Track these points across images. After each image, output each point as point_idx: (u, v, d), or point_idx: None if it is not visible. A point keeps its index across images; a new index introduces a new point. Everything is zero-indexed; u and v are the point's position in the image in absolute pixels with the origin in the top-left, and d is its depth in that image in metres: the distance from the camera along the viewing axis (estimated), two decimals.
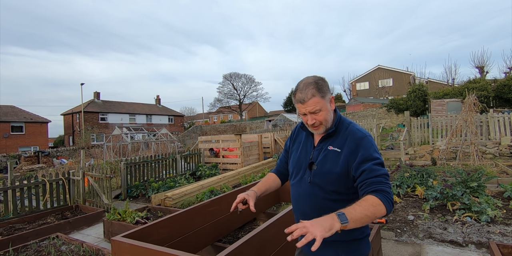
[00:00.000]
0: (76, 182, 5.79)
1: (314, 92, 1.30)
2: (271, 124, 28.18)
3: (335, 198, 1.33)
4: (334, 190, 1.33)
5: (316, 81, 1.33)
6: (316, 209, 1.36)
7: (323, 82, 1.34)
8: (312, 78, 1.35)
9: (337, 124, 1.38)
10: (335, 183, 1.32)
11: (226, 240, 3.49)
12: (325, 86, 1.35)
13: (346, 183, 1.31)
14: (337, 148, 1.33)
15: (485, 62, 23.27)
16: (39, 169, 14.26)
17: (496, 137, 9.61)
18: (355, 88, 39.84)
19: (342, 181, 1.31)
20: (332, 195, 1.34)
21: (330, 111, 1.35)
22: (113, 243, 1.90)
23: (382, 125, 20.06)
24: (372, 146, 1.30)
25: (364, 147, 1.28)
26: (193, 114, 63.90)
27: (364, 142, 1.29)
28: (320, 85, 1.32)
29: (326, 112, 1.34)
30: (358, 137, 1.31)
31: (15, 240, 3.71)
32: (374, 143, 1.32)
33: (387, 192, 1.17)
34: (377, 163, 1.24)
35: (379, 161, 1.26)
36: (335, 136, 1.37)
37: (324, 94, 1.32)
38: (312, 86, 1.31)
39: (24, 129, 28.18)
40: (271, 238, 2.22)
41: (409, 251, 3.10)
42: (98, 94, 36.50)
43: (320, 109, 1.32)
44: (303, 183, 1.41)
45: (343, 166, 1.30)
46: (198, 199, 5.33)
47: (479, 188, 4.31)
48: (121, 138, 16.20)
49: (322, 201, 1.35)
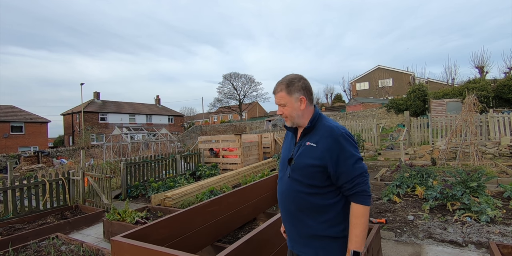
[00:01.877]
0: (76, 182, 5.79)
1: (282, 87, 1.46)
2: (271, 124, 28.16)
3: (312, 191, 1.39)
4: (310, 183, 1.38)
5: (291, 79, 1.46)
6: (295, 204, 1.43)
7: (297, 82, 1.45)
8: (292, 76, 1.48)
9: (313, 121, 1.45)
10: (311, 177, 1.38)
11: (226, 240, 3.49)
12: (298, 86, 1.44)
13: (322, 177, 1.37)
14: (313, 143, 1.39)
15: (485, 62, 23.27)
16: (39, 169, 14.25)
17: (496, 137, 9.61)
18: (355, 88, 39.84)
19: (317, 175, 1.37)
20: (309, 189, 1.39)
21: (296, 109, 1.45)
22: (113, 243, 1.90)
23: (382, 125, 20.06)
24: (349, 142, 1.35)
25: (341, 144, 1.33)
26: (193, 114, 63.89)
27: (340, 139, 1.34)
28: (291, 84, 1.45)
29: (291, 108, 1.46)
30: (335, 134, 1.35)
31: (15, 240, 3.71)
32: (351, 138, 1.37)
33: (364, 191, 1.32)
34: (354, 162, 1.33)
35: (355, 158, 1.33)
36: (312, 132, 1.44)
37: (291, 93, 1.44)
38: (285, 83, 1.46)
39: (24, 129, 28.15)
40: (271, 238, 2.22)
41: (409, 251, 3.10)
42: (98, 94, 36.48)
43: (285, 104, 1.46)
44: (284, 179, 1.49)
45: (319, 161, 1.35)
46: (198, 199, 5.33)
47: (479, 188, 4.31)
48: (121, 138, 16.19)
49: (300, 195, 1.41)
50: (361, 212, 1.30)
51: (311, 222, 1.39)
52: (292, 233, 1.48)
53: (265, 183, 3.93)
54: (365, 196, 1.31)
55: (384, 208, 4.39)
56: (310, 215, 1.39)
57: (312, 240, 1.39)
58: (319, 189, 1.38)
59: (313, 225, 1.38)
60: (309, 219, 1.39)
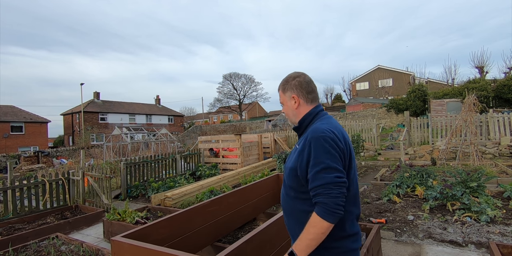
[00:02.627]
0: (75, 182, 5.79)
1: (280, 86, 1.46)
2: (271, 124, 28.18)
3: (293, 195, 1.35)
4: (290, 185, 1.36)
5: (288, 77, 1.43)
6: (285, 205, 1.41)
7: (292, 81, 1.41)
8: (290, 74, 1.45)
9: (303, 121, 1.40)
10: (289, 179, 1.35)
11: (226, 240, 3.49)
12: (291, 84, 1.40)
13: (296, 180, 1.31)
14: (298, 145, 1.36)
15: (485, 62, 23.28)
16: (39, 169, 14.25)
17: (496, 137, 9.61)
18: (355, 88, 39.84)
19: (293, 177, 1.33)
20: (290, 191, 1.37)
21: (290, 107, 1.42)
22: (113, 243, 1.90)
23: (382, 125, 20.06)
24: (322, 147, 1.20)
25: (313, 148, 1.21)
26: (193, 114, 63.89)
27: (314, 142, 1.22)
28: (286, 82, 1.42)
29: (286, 107, 1.44)
30: (310, 136, 1.24)
31: (15, 240, 3.71)
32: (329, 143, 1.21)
33: (324, 203, 1.14)
34: (319, 171, 1.17)
35: (322, 166, 1.17)
36: (302, 133, 1.40)
37: (286, 91, 1.42)
38: (283, 81, 1.44)
39: (24, 129, 28.15)
40: (271, 238, 2.22)
41: (409, 251, 3.10)
42: (98, 94, 36.48)
43: (283, 103, 1.46)
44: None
45: (294, 164, 1.31)
46: (198, 199, 5.33)
47: (479, 188, 4.31)
48: (121, 138, 16.19)
49: (285, 195, 1.40)
50: (313, 221, 1.16)
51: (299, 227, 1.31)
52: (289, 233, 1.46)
53: (265, 183, 3.93)
54: (324, 208, 1.14)
55: (384, 208, 4.39)
56: (297, 219, 1.34)
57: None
58: (299, 194, 1.32)
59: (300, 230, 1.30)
60: (297, 223, 1.33)
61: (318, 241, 1.16)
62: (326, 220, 1.14)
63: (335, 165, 1.18)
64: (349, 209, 1.29)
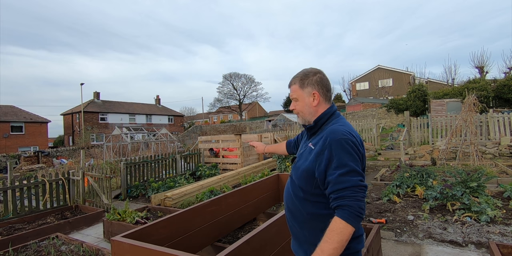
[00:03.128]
0: (76, 182, 5.79)
1: (296, 80, 1.37)
2: (271, 124, 28.19)
3: (303, 196, 1.31)
4: (300, 186, 1.32)
5: (307, 72, 1.37)
6: (292, 206, 1.38)
7: (312, 76, 1.35)
8: (309, 70, 1.39)
9: (319, 120, 1.34)
10: (301, 180, 1.31)
11: (226, 240, 3.49)
12: (312, 80, 1.35)
13: (311, 182, 1.27)
14: (313, 145, 1.30)
15: (484, 62, 23.30)
16: (39, 169, 14.25)
17: (496, 137, 9.61)
18: (355, 88, 39.83)
19: (306, 179, 1.28)
20: (298, 191, 1.33)
21: (307, 104, 1.35)
22: (113, 243, 1.90)
23: (382, 125, 20.06)
24: (345, 149, 1.17)
25: (335, 150, 1.17)
26: (193, 114, 63.89)
27: (336, 145, 1.18)
28: (306, 77, 1.35)
29: (303, 104, 1.37)
30: (332, 138, 1.20)
31: (15, 240, 3.71)
32: (351, 145, 1.19)
33: (350, 206, 1.10)
34: (344, 173, 1.14)
35: (347, 169, 1.15)
36: (317, 133, 1.35)
37: (304, 86, 1.35)
38: (300, 75, 1.37)
39: (24, 129, 28.14)
40: (271, 238, 2.22)
41: (409, 251, 3.10)
42: (98, 94, 36.49)
43: (297, 99, 1.38)
44: (289, 178, 1.47)
45: (310, 165, 1.26)
46: (198, 199, 5.33)
47: (479, 188, 4.31)
48: (121, 138, 16.19)
49: (294, 197, 1.36)
50: (339, 228, 1.09)
51: (304, 228, 1.32)
52: (291, 233, 1.45)
53: (265, 183, 3.94)
54: (349, 211, 1.10)
55: (384, 208, 4.39)
56: (302, 220, 1.32)
57: (307, 245, 1.32)
58: (309, 196, 1.29)
59: (305, 232, 1.31)
60: (301, 224, 1.32)
61: (342, 249, 1.08)
62: (351, 225, 1.09)
63: (358, 169, 1.17)
64: None
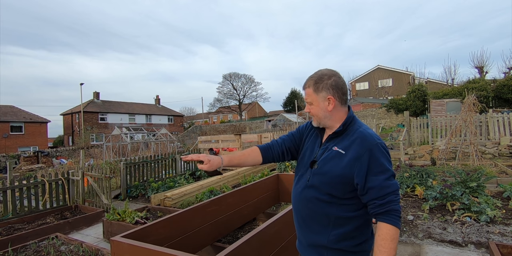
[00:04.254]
0: (75, 182, 5.78)
1: (310, 83, 1.33)
2: (271, 124, 28.20)
3: (328, 200, 1.27)
4: (329, 192, 1.26)
5: (322, 75, 1.32)
6: (308, 210, 1.33)
7: (327, 80, 1.30)
8: (324, 72, 1.34)
9: (346, 124, 1.31)
10: (332, 186, 1.26)
11: (225, 240, 3.49)
12: (327, 84, 1.29)
13: (344, 188, 1.24)
14: (342, 150, 1.26)
15: (484, 62, 23.27)
16: (39, 169, 14.23)
17: (496, 137, 9.62)
18: (354, 88, 39.83)
19: (339, 184, 1.24)
20: (325, 197, 1.28)
21: (322, 109, 1.31)
22: (113, 243, 1.90)
23: (381, 125, 20.07)
24: (383, 154, 1.21)
25: (374, 155, 1.19)
26: (193, 114, 63.89)
27: (375, 150, 1.20)
28: (320, 80, 1.30)
29: (318, 108, 1.32)
30: (368, 143, 1.21)
31: (15, 240, 3.71)
32: (386, 150, 1.23)
33: (396, 211, 1.17)
34: (387, 178, 1.18)
35: (389, 174, 1.19)
36: (341, 136, 1.31)
37: (318, 91, 1.30)
38: (314, 78, 1.32)
39: (24, 129, 28.13)
40: (270, 238, 2.22)
41: (409, 251, 3.10)
42: (98, 94, 36.47)
43: (311, 102, 1.34)
44: (302, 182, 1.37)
45: (345, 170, 1.22)
46: (197, 199, 5.32)
47: (479, 188, 4.31)
48: (121, 138, 16.18)
49: (315, 201, 1.30)
50: (391, 235, 1.12)
51: (322, 233, 1.28)
52: (301, 238, 1.40)
53: (264, 183, 3.93)
54: (397, 216, 1.15)
55: None
56: (323, 225, 1.28)
57: (321, 250, 1.29)
58: (337, 200, 1.26)
59: (324, 236, 1.28)
60: (320, 229, 1.28)
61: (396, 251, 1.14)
62: (398, 228, 1.15)
63: (394, 172, 1.23)
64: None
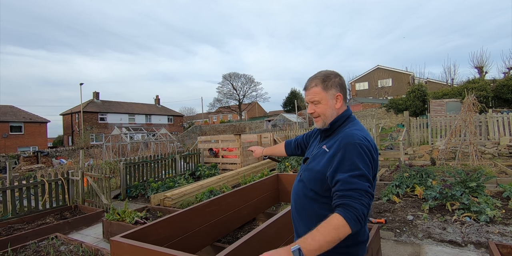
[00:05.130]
0: (75, 182, 5.78)
1: (318, 82, 1.32)
2: (271, 124, 28.22)
3: (312, 196, 1.30)
4: (312, 188, 1.30)
5: (328, 74, 1.33)
6: (297, 204, 1.38)
7: (334, 78, 1.32)
8: (328, 71, 1.36)
9: (334, 123, 1.33)
10: (314, 182, 1.29)
11: (225, 240, 3.49)
12: (335, 82, 1.32)
13: (322, 184, 1.26)
14: (327, 148, 1.29)
15: (484, 62, 23.28)
16: (38, 169, 14.22)
17: (495, 137, 9.62)
18: (354, 88, 39.85)
19: (319, 181, 1.27)
20: (310, 193, 1.31)
21: (331, 107, 1.32)
22: (112, 243, 1.90)
23: (381, 125, 20.07)
24: (359, 154, 1.16)
25: (348, 153, 1.17)
26: (193, 114, 63.89)
27: (350, 148, 1.17)
28: (328, 78, 1.31)
29: (326, 106, 1.31)
30: (347, 141, 1.20)
31: (14, 240, 3.70)
32: (365, 151, 1.18)
33: (354, 208, 1.06)
34: (355, 175, 1.12)
35: (358, 172, 1.13)
36: (332, 135, 1.34)
37: (328, 88, 1.30)
38: (320, 77, 1.33)
39: (23, 129, 28.11)
40: (270, 238, 2.22)
41: (408, 251, 3.10)
42: (97, 94, 36.45)
43: (319, 101, 1.32)
44: (298, 177, 1.45)
45: (324, 167, 1.25)
46: (197, 199, 5.32)
47: (478, 188, 4.31)
48: (120, 138, 16.17)
49: (303, 197, 1.34)
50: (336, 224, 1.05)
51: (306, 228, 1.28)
52: (296, 232, 1.44)
53: (264, 183, 3.93)
54: (352, 213, 1.05)
55: (383, 208, 4.39)
56: (310, 221, 1.30)
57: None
58: (319, 197, 1.28)
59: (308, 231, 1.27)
60: (309, 224, 1.29)
61: (332, 245, 1.06)
62: (349, 225, 1.05)
63: (369, 175, 1.15)
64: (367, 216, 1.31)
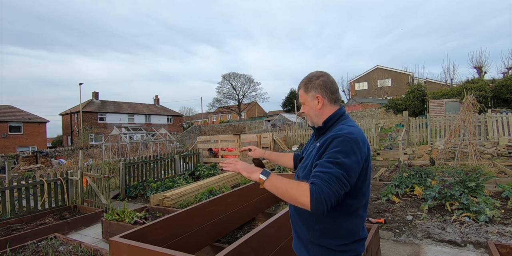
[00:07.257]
0: (74, 182, 5.77)
1: (301, 85, 1.41)
2: (270, 124, 28.22)
3: None
4: None
5: (311, 76, 1.39)
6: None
7: (315, 80, 1.37)
8: (313, 74, 1.41)
9: (328, 122, 1.35)
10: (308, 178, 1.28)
11: (225, 240, 3.48)
12: (315, 84, 1.36)
13: None
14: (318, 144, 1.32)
15: (483, 63, 23.30)
16: (37, 169, 14.20)
17: (494, 137, 9.64)
18: (354, 88, 39.88)
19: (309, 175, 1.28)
20: None
21: (313, 108, 1.38)
22: (111, 243, 1.90)
23: (380, 125, 20.09)
24: (345, 146, 1.17)
25: (333, 143, 1.19)
26: (192, 114, 63.86)
27: (336, 140, 1.19)
28: (309, 81, 1.38)
29: (308, 107, 1.40)
30: (335, 134, 1.22)
31: (13, 241, 3.70)
32: (349, 144, 1.17)
33: (321, 189, 1.05)
34: (331, 161, 1.13)
35: (336, 160, 1.13)
36: (325, 134, 1.35)
37: (308, 90, 1.38)
38: (304, 80, 1.41)
39: (22, 129, 28.06)
40: (270, 238, 2.22)
41: (408, 251, 3.10)
42: (97, 94, 36.40)
43: (303, 103, 1.41)
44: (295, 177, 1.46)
45: (313, 161, 1.27)
46: (197, 199, 5.32)
47: (478, 188, 4.32)
48: (120, 138, 16.16)
49: None
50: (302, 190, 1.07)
51: (308, 227, 1.31)
52: (294, 232, 1.44)
53: None
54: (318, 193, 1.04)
55: (383, 208, 4.39)
56: (308, 218, 1.32)
57: (308, 245, 1.32)
58: None
59: (309, 230, 1.31)
60: (306, 223, 1.32)
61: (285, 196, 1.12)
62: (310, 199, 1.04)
63: (348, 166, 1.13)
64: (362, 214, 1.31)
